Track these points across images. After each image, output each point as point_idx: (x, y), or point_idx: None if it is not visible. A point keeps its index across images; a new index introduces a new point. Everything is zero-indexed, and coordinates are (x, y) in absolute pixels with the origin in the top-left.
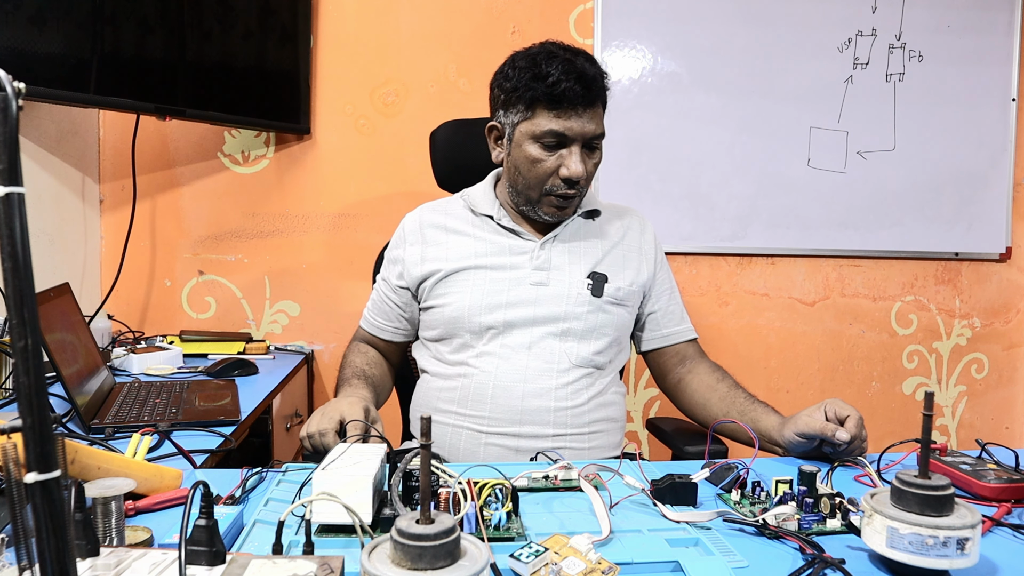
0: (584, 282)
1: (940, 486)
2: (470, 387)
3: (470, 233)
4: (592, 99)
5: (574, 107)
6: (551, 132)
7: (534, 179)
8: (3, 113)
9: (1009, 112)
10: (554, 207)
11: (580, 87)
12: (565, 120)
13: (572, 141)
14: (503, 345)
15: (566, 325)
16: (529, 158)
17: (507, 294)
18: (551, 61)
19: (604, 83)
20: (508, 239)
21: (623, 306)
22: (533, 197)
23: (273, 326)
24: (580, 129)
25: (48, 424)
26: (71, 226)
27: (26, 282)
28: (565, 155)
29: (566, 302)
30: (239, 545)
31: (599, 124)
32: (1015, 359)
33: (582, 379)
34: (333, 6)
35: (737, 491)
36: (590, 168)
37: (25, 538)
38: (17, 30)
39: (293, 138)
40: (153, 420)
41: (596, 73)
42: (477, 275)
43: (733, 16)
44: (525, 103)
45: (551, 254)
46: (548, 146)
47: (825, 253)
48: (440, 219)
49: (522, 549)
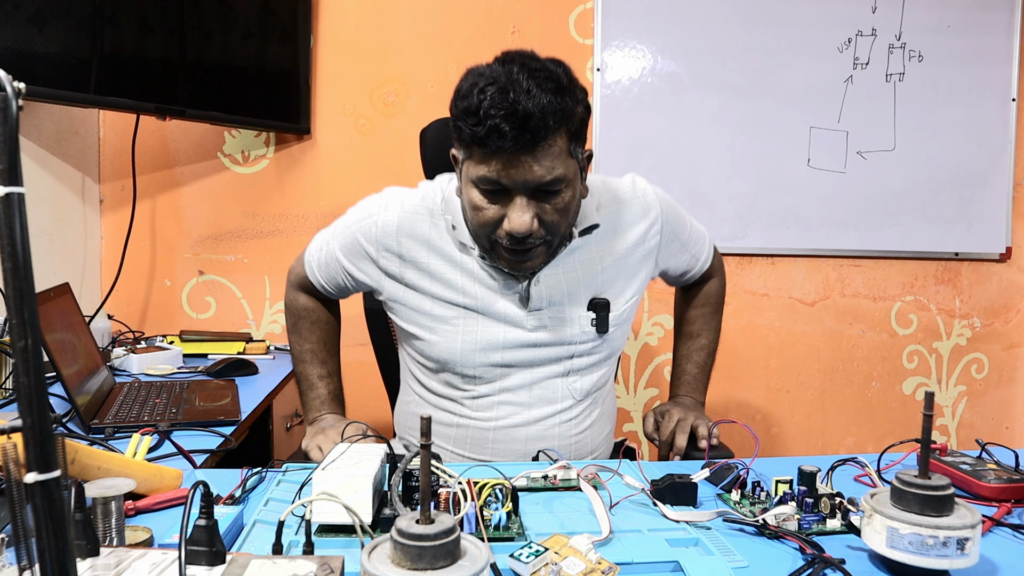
0: (586, 317)
1: (940, 486)
2: (467, 432)
3: (456, 260)
4: (533, 141)
5: (506, 152)
6: (485, 179)
7: (479, 228)
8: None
9: (1009, 112)
10: (507, 260)
11: (509, 127)
12: (498, 167)
13: (513, 191)
14: (501, 388)
15: (569, 364)
16: (472, 204)
17: (503, 339)
18: (487, 88)
19: (555, 113)
20: (493, 275)
21: (625, 322)
22: (485, 247)
23: (273, 326)
24: (520, 177)
25: (48, 424)
26: (71, 226)
27: (26, 282)
28: (509, 205)
29: (569, 342)
30: (239, 545)
31: (549, 169)
32: (1015, 359)
33: (586, 408)
34: (333, 6)
35: (737, 491)
36: (549, 218)
37: (25, 538)
38: (17, 30)
39: (293, 138)
40: (153, 420)
41: (537, 107)
42: (467, 319)
43: (733, 16)
44: (463, 141)
45: (544, 290)
46: (488, 192)
47: (825, 253)
48: (423, 230)
49: (522, 549)
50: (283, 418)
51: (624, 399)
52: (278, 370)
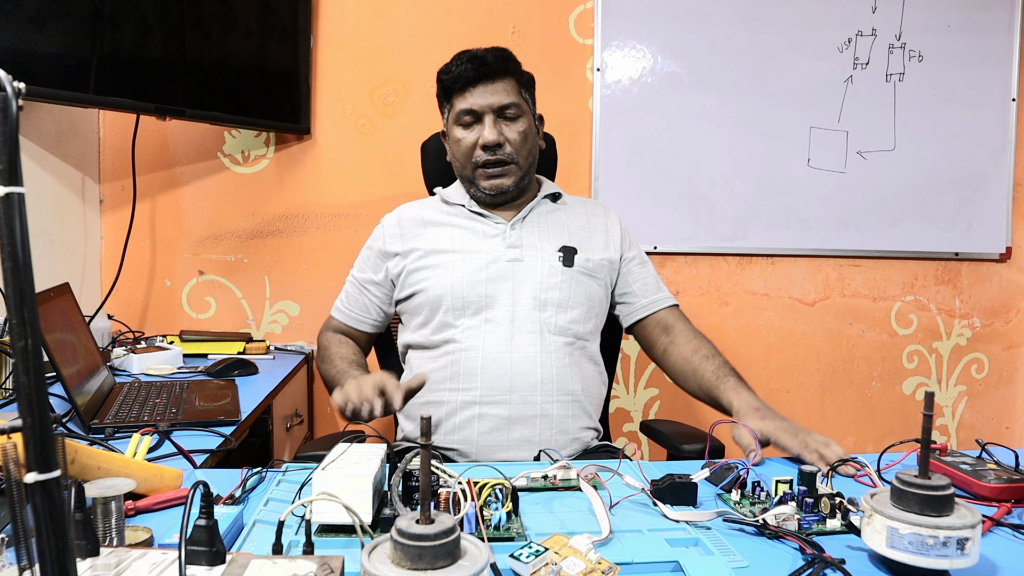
0: (555, 255)
1: (940, 486)
2: (460, 363)
3: (445, 222)
4: (489, 74)
5: (474, 84)
6: (463, 111)
7: (462, 156)
8: (3, 113)
9: (1009, 112)
10: (486, 178)
11: (472, 66)
12: (470, 98)
13: (482, 114)
14: (487, 320)
15: (543, 296)
16: (455, 139)
17: (485, 271)
18: (457, 57)
19: (503, 60)
20: (480, 223)
21: (594, 277)
22: (468, 175)
23: (273, 326)
24: (485, 102)
25: (48, 424)
26: (71, 226)
27: (26, 282)
28: (480, 128)
29: (540, 274)
30: (239, 545)
31: (506, 95)
32: (1015, 359)
33: (563, 347)
34: (333, 6)
35: (737, 491)
36: (512, 136)
37: (25, 538)
38: (17, 30)
39: (293, 138)
40: (153, 420)
41: (493, 55)
42: (455, 258)
43: (733, 16)
44: (443, 96)
45: (521, 233)
46: (466, 125)
47: (825, 253)
48: (417, 213)
49: (522, 549)
50: (283, 418)
51: (624, 399)
52: (278, 370)
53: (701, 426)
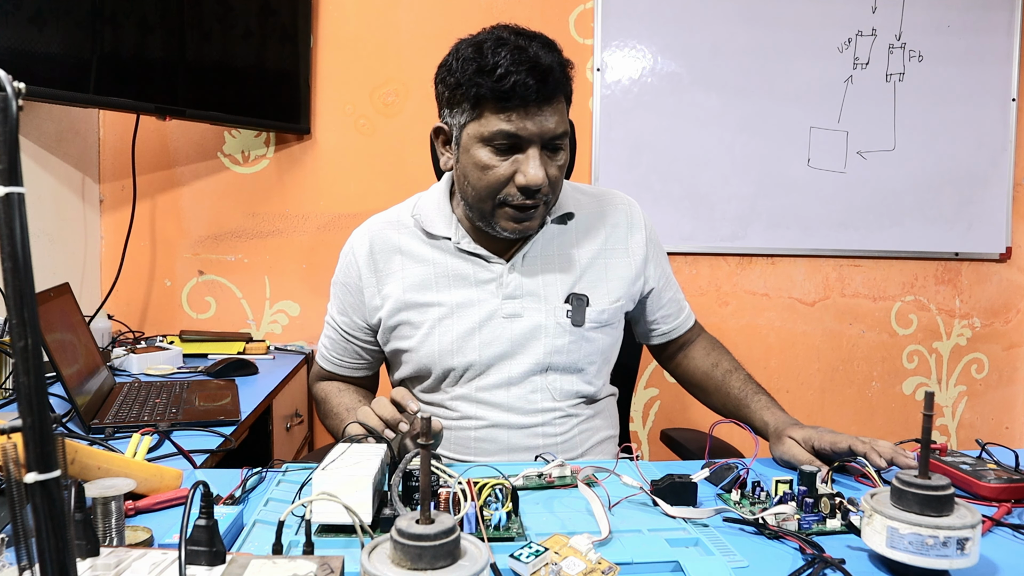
0: (562, 308)
1: (940, 486)
2: (451, 435)
3: (427, 258)
4: (549, 93)
5: (527, 104)
6: (502, 134)
7: (485, 189)
8: (3, 113)
9: (1009, 112)
10: (511, 220)
11: (534, 80)
12: (518, 120)
13: (529, 143)
14: (479, 388)
15: (547, 360)
16: (479, 164)
17: (479, 334)
18: (499, 50)
19: (565, 72)
20: (471, 264)
21: (608, 326)
22: (486, 210)
23: (273, 326)
24: (537, 129)
25: (48, 424)
26: (71, 226)
27: (26, 282)
28: (521, 160)
29: (544, 334)
30: (239, 545)
31: (561, 121)
32: (1015, 359)
33: (569, 410)
34: (333, 6)
35: (737, 491)
36: (553, 173)
37: (25, 538)
38: (17, 30)
39: (293, 138)
40: (153, 420)
41: (553, 62)
42: (441, 313)
43: (733, 16)
44: (471, 101)
45: (521, 279)
46: (500, 150)
47: (825, 253)
48: (392, 238)
49: (522, 549)
50: (283, 418)
51: None
52: (278, 370)
53: (701, 427)
